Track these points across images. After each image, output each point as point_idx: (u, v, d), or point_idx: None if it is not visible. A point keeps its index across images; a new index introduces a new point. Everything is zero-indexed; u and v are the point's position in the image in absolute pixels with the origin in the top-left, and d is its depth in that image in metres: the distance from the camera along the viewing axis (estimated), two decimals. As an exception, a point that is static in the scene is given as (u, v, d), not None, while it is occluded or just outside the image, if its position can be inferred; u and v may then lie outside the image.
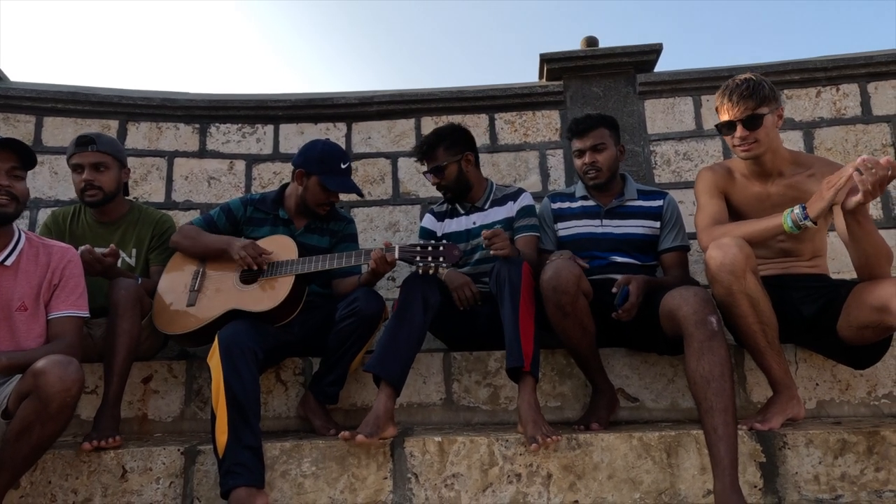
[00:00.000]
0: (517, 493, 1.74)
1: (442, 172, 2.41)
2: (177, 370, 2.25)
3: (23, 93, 3.11)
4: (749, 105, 1.89)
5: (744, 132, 1.92)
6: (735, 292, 1.74)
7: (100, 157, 2.28)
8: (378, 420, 1.80)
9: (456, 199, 2.50)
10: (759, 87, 1.91)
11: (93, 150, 2.27)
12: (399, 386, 1.90)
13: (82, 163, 2.27)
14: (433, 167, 2.43)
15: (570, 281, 1.87)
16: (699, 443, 1.73)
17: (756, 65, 3.14)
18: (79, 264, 1.92)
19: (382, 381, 1.88)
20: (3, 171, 1.71)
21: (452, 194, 2.48)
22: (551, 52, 3.21)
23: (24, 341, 1.76)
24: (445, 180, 2.43)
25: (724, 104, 1.96)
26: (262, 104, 3.28)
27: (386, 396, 1.85)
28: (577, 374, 2.16)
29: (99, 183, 2.28)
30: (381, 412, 1.82)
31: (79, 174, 2.28)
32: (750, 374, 2.10)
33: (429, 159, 2.44)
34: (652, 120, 3.18)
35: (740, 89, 1.91)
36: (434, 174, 2.43)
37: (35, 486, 1.75)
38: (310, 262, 2.08)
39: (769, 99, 1.91)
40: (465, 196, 2.49)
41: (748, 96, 1.89)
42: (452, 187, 2.45)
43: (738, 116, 1.91)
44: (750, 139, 1.92)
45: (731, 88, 1.93)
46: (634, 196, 2.34)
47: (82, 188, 2.27)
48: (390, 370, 1.88)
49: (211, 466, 1.78)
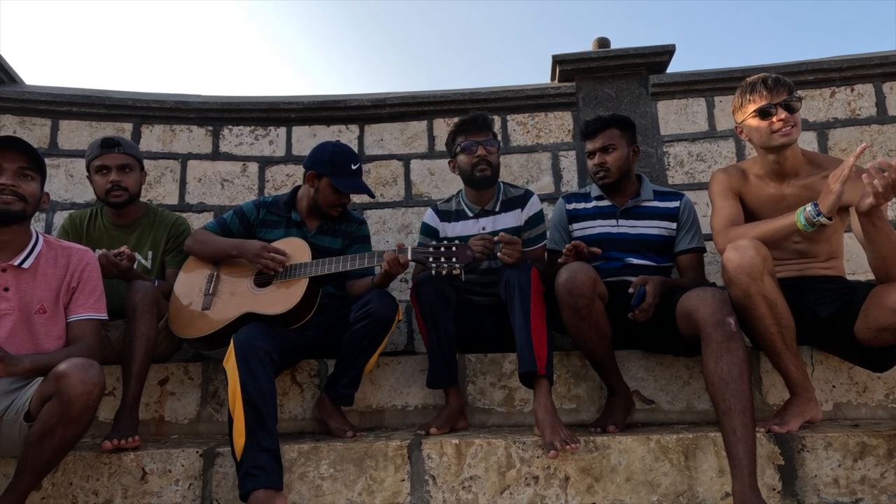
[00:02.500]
0: (535, 496, 1.74)
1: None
2: (192, 372, 2.26)
3: (38, 96, 3.14)
4: (786, 89, 1.94)
5: (784, 114, 1.93)
6: (752, 294, 1.73)
7: (125, 159, 2.31)
8: (452, 415, 2.04)
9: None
10: (784, 79, 1.96)
11: (119, 152, 2.30)
12: (455, 383, 2.10)
13: (109, 164, 2.29)
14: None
15: (586, 284, 1.87)
16: (717, 445, 1.72)
17: (770, 65, 3.12)
18: (97, 267, 1.93)
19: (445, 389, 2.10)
20: (10, 171, 1.72)
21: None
22: (563, 54, 3.21)
23: (44, 344, 1.78)
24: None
25: (752, 95, 1.97)
26: (274, 106, 3.29)
27: (452, 395, 2.09)
28: (592, 376, 2.16)
29: (125, 184, 2.31)
30: (454, 409, 2.07)
31: (103, 175, 2.30)
32: (766, 376, 2.09)
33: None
34: (665, 121, 3.17)
35: (771, 78, 1.96)
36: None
37: (57, 487, 1.77)
38: (323, 264, 2.09)
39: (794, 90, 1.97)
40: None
41: (783, 83, 1.95)
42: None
43: (776, 100, 1.94)
44: (790, 122, 1.93)
45: (758, 80, 1.98)
46: (651, 197, 2.33)
47: (108, 189, 2.29)
48: (441, 378, 2.08)
49: (229, 468, 1.79)
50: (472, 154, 2.33)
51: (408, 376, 2.23)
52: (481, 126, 2.37)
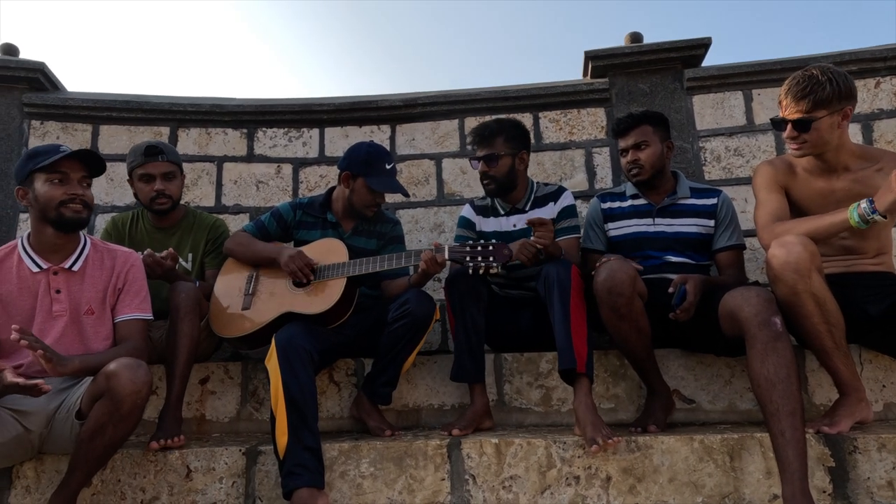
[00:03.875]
0: (576, 496, 1.72)
1: (495, 162, 2.33)
2: (232, 371, 2.30)
3: (80, 102, 3.22)
4: (801, 107, 1.84)
5: (792, 132, 1.88)
6: (800, 292, 1.69)
7: (169, 167, 2.34)
8: (476, 415, 2.01)
9: (497, 194, 2.41)
10: (818, 88, 1.82)
11: (162, 160, 2.32)
12: (480, 380, 2.09)
13: (153, 173, 2.31)
14: (487, 154, 2.34)
15: (626, 283, 1.85)
16: (763, 446, 1.69)
17: (809, 56, 3.04)
18: (141, 268, 1.98)
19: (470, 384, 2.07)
20: (75, 180, 1.78)
21: (496, 188, 2.37)
22: (596, 49, 3.17)
23: (93, 344, 1.83)
24: (495, 171, 2.33)
25: (783, 99, 1.91)
26: (307, 108, 3.32)
27: (477, 394, 2.06)
28: (630, 376, 2.13)
29: (169, 192, 2.33)
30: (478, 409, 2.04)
31: (147, 183, 2.32)
32: (812, 375, 2.05)
33: (485, 145, 2.35)
34: (701, 116, 3.11)
35: (799, 87, 1.85)
36: (486, 162, 2.34)
37: (106, 484, 1.82)
38: (360, 264, 2.10)
39: (829, 101, 1.82)
40: (506, 194, 2.41)
41: (802, 97, 1.83)
42: (500, 181, 2.35)
43: (787, 116, 1.88)
44: (799, 140, 1.87)
45: (791, 84, 1.88)
46: (687, 194, 2.29)
47: (153, 197, 2.32)
48: (466, 372, 2.06)
49: (272, 466, 1.82)
50: (476, 169, 2.41)
51: (444, 375, 2.23)
52: (480, 140, 2.38)
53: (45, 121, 3.21)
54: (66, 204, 1.76)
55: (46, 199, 1.76)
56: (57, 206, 1.76)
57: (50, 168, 1.75)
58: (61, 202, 1.76)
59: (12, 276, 1.77)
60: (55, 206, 1.76)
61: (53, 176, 1.76)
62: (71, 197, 1.77)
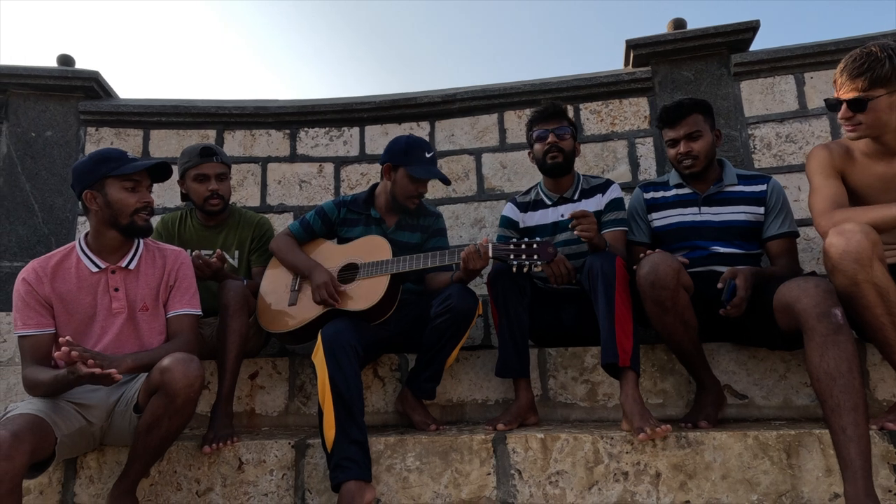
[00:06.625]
0: (624, 492, 1.69)
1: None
2: (280, 367, 2.35)
3: (132, 108, 3.34)
4: (857, 85, 1.75)
5: (846, 113, 1.79)
6: (861, 282, 1.61)
7: (222, 168, 2.42)
8: (520, 410, 2.00)
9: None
10: (877, 65, 1.73)
11: (217, 161, 2.40)
12: (525, 375, 2.06)
13: (208, 173, 2.38)
14: (558, 127, 2.33)
15: (669, 275, 1.80)
16: (823, 443, 1.62)
17: (869, 35, 2.90)
18: (190, 266, 2.04)
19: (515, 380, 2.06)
20: (145, 188, 1.86)
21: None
22: (638, 38, 3.10)
23: (148, 339, 1.89)
24: (565, 144, 2.32)
25: (837, 78, 1.82)
26: (347, 107, 3.36)
27: (522, 389, 2.04)
28: (679, 370, 2.08)
29: (222, 192, 2.41)
30: (522, 404, 2.02)
31: (202, 183, 2.39)
32: (873, 369, 1.96)
33: (555, 119, 2.34)
34: (749, 102, 3.01)
35: (855, 64, 1.76)
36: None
37: (163, 475, 1.88)
38: (404, 261, 2.11)
39: (888, 79, 1.73)
40: (563, 174, 2.38)
41: (858, 74, 1.74)
42: (568, 154, 2.33)
43: (842, 96, 1.79)
44: (854, 120, 1.78)
45: (847, 62, 1.79)
46: (734, 181, 2.21)
47: (207, 197, 2.39)
48: (511, 367, 2.04)
49: (320, 459, 1.85)
50: (543, 142, 2.35)
51: (487, 370, 2.23)
52: (552, 114, 2.37)
53: (99, 127, 3.34)
54: (139, 212, 1.83)
55: (121, 206, 1.81)
56: (131, 214, 1.82)
57: (124, 175, 1.81)
58: (135, 210, 1.82)
59: (71, 276, 1.85)
60: (129, 214, 1.82)
61: (127, 183, 1.82)
62: (144, 205, 1.84)
